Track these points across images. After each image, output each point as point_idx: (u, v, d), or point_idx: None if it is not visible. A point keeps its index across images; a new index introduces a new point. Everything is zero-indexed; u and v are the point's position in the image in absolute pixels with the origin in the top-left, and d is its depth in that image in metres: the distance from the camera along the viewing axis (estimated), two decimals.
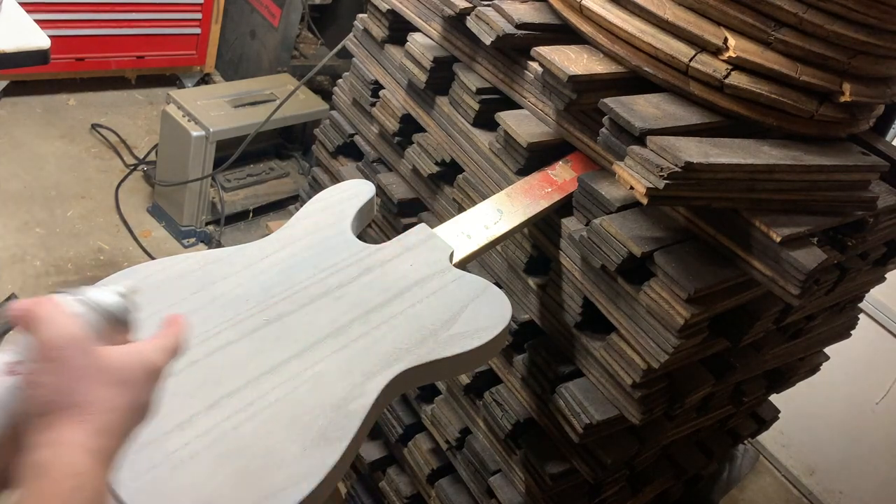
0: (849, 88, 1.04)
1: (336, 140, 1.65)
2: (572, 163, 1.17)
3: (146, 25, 2.91)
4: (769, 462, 2.58)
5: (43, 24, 1.64)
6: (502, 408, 1.26)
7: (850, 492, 2.46)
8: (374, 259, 0.92)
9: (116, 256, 2.42)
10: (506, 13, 1.15)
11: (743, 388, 1.41)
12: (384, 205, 1.48)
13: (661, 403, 1.13)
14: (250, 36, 3.07)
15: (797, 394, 1.83)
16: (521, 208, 1.10)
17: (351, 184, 1.04)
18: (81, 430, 0.47)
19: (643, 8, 1.05)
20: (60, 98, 2.93)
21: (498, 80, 1.25)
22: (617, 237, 1.01)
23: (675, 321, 0.98)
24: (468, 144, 1.28)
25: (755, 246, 0.99)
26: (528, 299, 1.22)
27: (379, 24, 1.45)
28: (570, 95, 1.04)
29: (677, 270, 0.97)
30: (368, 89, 1.50)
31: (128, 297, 0.55)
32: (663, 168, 0.90)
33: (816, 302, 1.29)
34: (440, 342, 0.82)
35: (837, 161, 1.07)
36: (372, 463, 1.58)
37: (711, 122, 1.04)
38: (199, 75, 3.21)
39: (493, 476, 1.32)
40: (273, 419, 0.70)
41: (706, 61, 1.02)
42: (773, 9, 0.99)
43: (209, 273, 0.84)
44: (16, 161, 2.59)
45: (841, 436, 2.46)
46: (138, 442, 0.65)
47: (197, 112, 2.38)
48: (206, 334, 0.77)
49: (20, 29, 1.57)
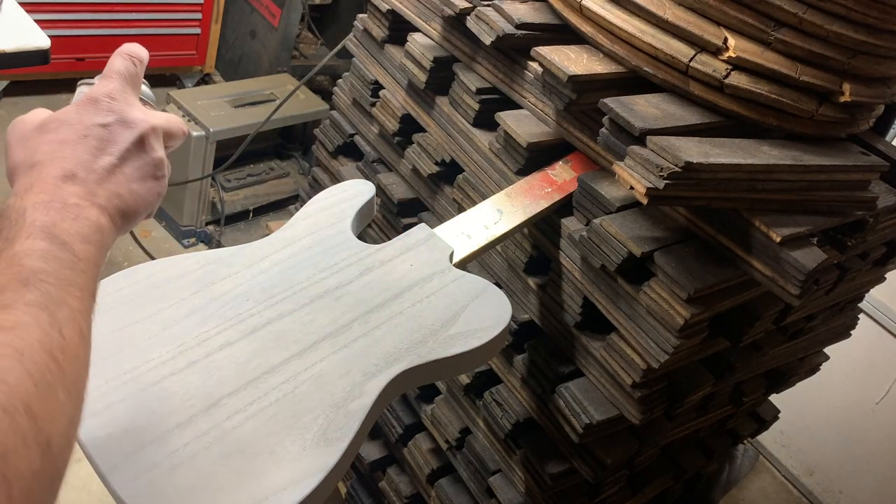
0: (849, 88, 1.04)
1: (336, 140, 1.65)
2: (572, 163, 1.17)
3: (146, 25, 2.91)
4: (769, 462, 2.59)
5: (43, 24, 1.64)
6: (502, 408, 1.26)
7: (849, 492, 2.46)
8: (374, 259, 0.92)
9: (116, 256, 2.42)
10: (506, 13, 1.15)
11: (743, 388, 1.42)
12: (384, 205, 1.48)
13: (661, 403, 1.13)
14: (250, 36, 3.07)
15: (797, 394, 1.83)
16: (521, 208, 1.10)
17: (351, 184, 1.04)
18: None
19: (643, 8, 1.05)
20: (60, 98, 2.93)
21: (498, 80, 1.25)
22: (617, 237, 1.01)
23: (675, 321, 0.98)
24: (468, 144, 1.28)
25: (755, 246, 0.99)
26: (528, 299, 1.22)
27: (379, 24, 1.45)
28: (570, 95, 1.04)
29: (677, 270, 0.98)
30: (368, 89, 1.50)
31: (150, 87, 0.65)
32: (663, 168, 0.90)
33: (816, 302, 1.29)
34: (440, 342, 0.82)
35: (837, 161, 1.07)
36: (372, 463, 1.58)
37: (711, 122, 1.04)
38: (199, 75, 3.21)
39: (493, 476, 1.32)
40: (273, 419, 0.70)
41: (706, 61, 1.02)
42: (772, 9, 0.99)
43: (209, 273, 0.84)
44: None
45: (841, 436, 2.46)
46: (138, 442, 0.66)
47: (197, 112, 2.38)
48: (206, 334, 0.77)
49: (20, 29, 1.57)
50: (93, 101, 0.56)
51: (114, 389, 0.70)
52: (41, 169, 0.51)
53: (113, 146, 0.54)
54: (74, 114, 0.55)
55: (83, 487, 1.74)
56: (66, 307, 0.45)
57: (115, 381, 0.70)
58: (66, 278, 0.46)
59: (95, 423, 0.66)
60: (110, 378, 0.70)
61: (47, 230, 0.47)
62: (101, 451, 0.65)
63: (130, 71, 0.59)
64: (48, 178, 0.51)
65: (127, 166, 0.55)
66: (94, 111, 0.55)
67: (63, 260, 0.46)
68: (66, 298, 0.45)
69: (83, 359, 0.46)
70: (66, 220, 0.49)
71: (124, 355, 0.73)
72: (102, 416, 0.67)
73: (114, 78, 0.58)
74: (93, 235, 0.50)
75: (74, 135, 0.53)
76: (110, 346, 0.73)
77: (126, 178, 0.54)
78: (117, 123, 0.55)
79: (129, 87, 0.59)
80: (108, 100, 0.56)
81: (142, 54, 0.61)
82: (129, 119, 0.56)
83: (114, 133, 0.55)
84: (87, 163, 0.52)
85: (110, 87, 0.57)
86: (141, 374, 0.72)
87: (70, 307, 0.45)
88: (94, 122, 0.54)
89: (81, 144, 0.53)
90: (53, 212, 0.48)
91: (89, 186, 0.52)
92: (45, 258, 0.46)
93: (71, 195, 0.50)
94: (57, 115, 0.55)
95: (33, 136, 0.54)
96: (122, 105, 0.56)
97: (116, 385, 0.70)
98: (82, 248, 0.48)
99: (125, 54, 0.60)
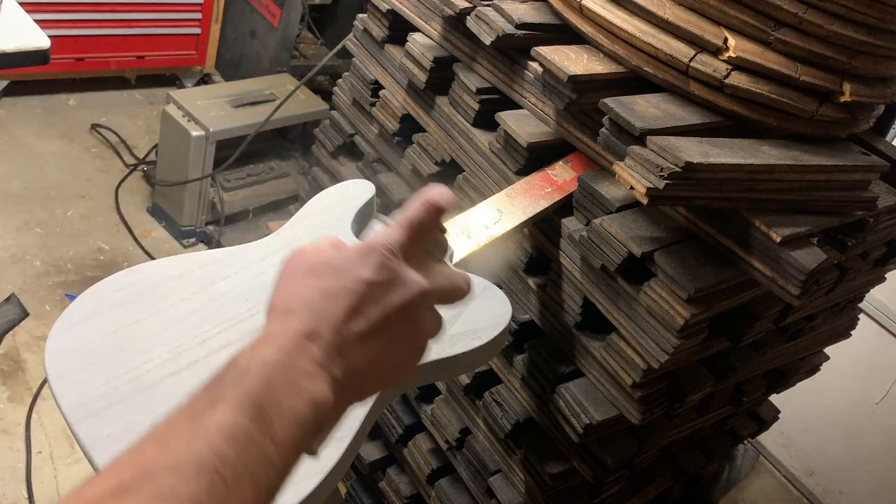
0: (849, 88, 1.04)
1: (336, 140, 1.65)
2: (572, 163, 1.17)
3: (146, 25, 2.91)
4: (769, 462, 2.58)
5: (43, 24, 1.64)
6: (502, 408, 1.26)
7: (850, 492, 2.46)
8: None
9: (116, 256, 2.42)
10: (506, 13, 1.15)
11: (743, 388, 1.41)
12: (384, 205, 1.48)
13: (661, 403, 1.13)
14: (250, 36, 3.07)
15: (797, 394, 1.83)
16: (521, 208, 1.10)
17: (351, 184, 1.04)
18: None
19: (643, 8, 1.05)
20: (60, 98, 2.94)
21: (498, 80, 1.25)
22: (617, 237, 1.01)
23: (675, 321, 0.98)
24: (468, 144, 1.28)
25: (755, 246, 0.99)
26: (528, 299, 1.22)
27: (379, 24, 1.45)
28: (570, 95, 1.04)
29: (677, 270, 0.98)
30: (368, 89, 1.50)
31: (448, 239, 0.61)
32: (663, 168, 0.90)
33: (816, 302, 1.29)
34: (440, 342, 0.82)
35: (837, 161, 1.07)
36: (372, 463, 1.58)
37: (711, 122, 1.04)
38: (198, 75, 3.21)
39: (493, 476, 1.31)
40: None
41: (706, 61, 1.02)
42: (773, 9, 0.99)
43: (209, 273, 0.84)
44: (16, 161, 2.59)
45: (841, 436, 2.46)
46: None
47: (197, 112, 2.38)
48: (206, 334, 0.77)
49: (20, 29, 1.57)
50: (370, 251, 0.50)
51: (114, 389, 0.70)
52: (291, 321, 0.47)
53: (374, 309, 0.48)
54: (347, 261, 0.49)
55: None
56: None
57: (115, 381, 0.70)
58: (247, 468, 0.41)
59: (95, 423, 0.66)
60: (110, 378, 0.70)
61: (258, 405, 0.43)
62: (101, 451, 0.65)
63: (423, 221, 0.53)
64: (293, 335, 0.46)
65: (382, 335, 0.49)
66: (366, 264, 0.49)
67: (255, 443, 0.42)
68: (237, 495, 0.40)
69: None
70: (287, 393, 0.44)
71: (124, 355, 0.73)
72: (102, 416, 0.67)
73: (402, 228, 0.52)
74: (308, 415, 0.44)
75: (337, 287, 0.48)
76: (110, 346, 0.73)
77: (378, 349, 0.49)
78: (387, 283, 0.49)
79: (417, 240, 0.53)
80: (386, 254, 0.50)
81: (442, 201, 0.54)
82: (402, 279, 0.50)
83: (378, 294, 0.49)
84: (338, 322, 0.47)
85: (393, 239, 0.51)
86: (141, 374, 0.72)
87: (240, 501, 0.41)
88: (362, 278, 0.48)
89: (340, 300, 0.48)
90: (277, 381, 0.44)
91: (330, 352, 0.47)
92: (235, 441, 0.41)
93: (308, 360, 0.45)
94: (331, 259, 0.50)
95: (300, 278, 0.49)
96: (397, 263, 0.50)
97: (116, 385, 0.70)
98: (286, 433, 0.43)
99: (425, 202, 0.53)
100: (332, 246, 0.51)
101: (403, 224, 0.53)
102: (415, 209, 0.53)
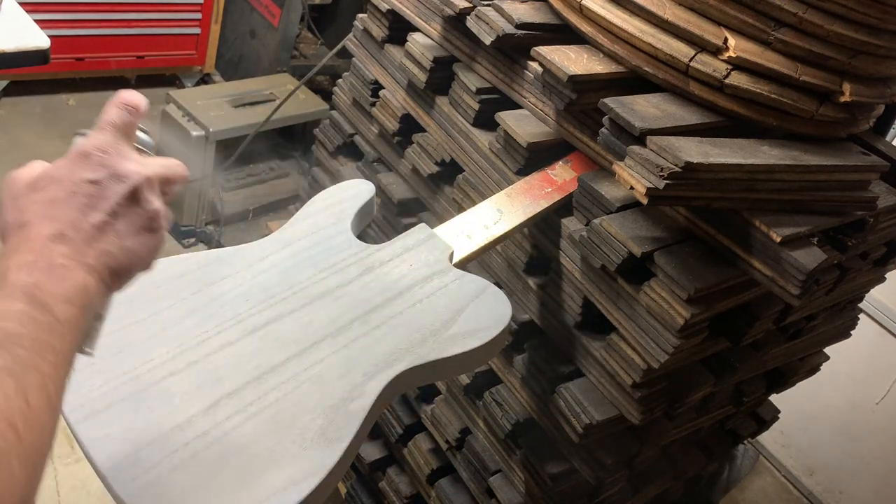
0: (849, 88, 1.04)
1: (336, 140, 1.65)
2: (572, 163, 1.17)
3: (146, 25, 2.91)
4: (769, 462, 2.58)
5: (43, 24, 1.64)
6: (502, 408, 1.26)
7: (850, 492, 2.46)
8: (375, 259, 0.92)
9: None
10: (506, 13, 1.15)
11: (743, 388, 1.41)
12: (384, 205, 1.48)
13: (661, 403, 1.13)
14: (250, 36, 3.07)
15: (797, 394, 1.83)
16: (521, 208, 1.10)
17: (351, 184, 1.04)
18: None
19: (643, 8, 1.05)
20: (60, 98, 2.94)
21: (498, 80, 1.25)
22: (617, 237, 1.01)
23: (675, 321, 0.98)
24: (468, 144, 1.28)
25: (755, 246, 0.99)
26: (528, 299, 1.22)
27: (379, 24, 1.45)
28: (570, 95, 1.04)
29: (677, 270, 0.98)
30: (368, 89, 1.50)
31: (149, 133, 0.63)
32: (663, 168, 0.90)
33: (816, 302, 1.29)
34: (440, 342, 0.82)
35: (837, 161, 1.07)
36: (372, 463, 1.58)
37: (711, 122, 1.04)
38: (198, 75, 3.21)
39: (493, 476, 1.32)
40: (273, 419, 0.70)
41: (706, 61, 1.02)
42: (772, 9, 0.99)
43: (209, 273, 0.84)
44: (16, 161, 2.58)
45: (841, 436, 2.46)
46: (138, 442, 0.66)
47: (197, 112, 2.38)
48: (206, 334, 0.77)
49: (20, 29, 1.58)
50: (84, 155, 0.54)
51: (114, 389, 0.70)
52: (30, 229, 0.50)
53: (103, 202, 0.53)
54: (65, 169, 0.53)
55: (83, 487, 1.74)
56: (36, 373, 0.44)
57: (115, 381, 0.70)
58: (41, 342, 0.45)
59: (95, 423, 0.66)
60: (110, 378, 0.70)
61: (28, 291, 0.46)
62: (101, 451, 0.65)
63: (124, 120, 0.57)
64: (36, 238, 0.50)
65: (119, 222, 0.53)
66: (85, 166, 0.53)
67: (41, 322, 0.46)
68: (39, 363, 0.44)
69: (48, 426, 0.45)
70: (51, 281, 0.48)
71: (124, 355, 0.73)
72: (102, 416, 0.67)
73: (106, 129, 0.56)
74: (77, 297, 0.49)
75: (64, 192, 0.52)
76: (110, 346, 0.73)
77: (118, 234, 0.53)
78: (108, 178, 0.53)
79: (123, 138, 0.57)
80: (100, 153, 0.54)
81: (137, 102, 0.59)
82: (121, 172, 0.54)
83: (104, 188, 0.53)
84: (76, 221, 0.51)
85: (102, 139, 0.55)
86: (141, 374, 0.72)
87: (41, 373, 0.44)
88: (84, 178, 0.53)
89: (71, 202, 0.52)
90: (38, 272, 0.48)
91: (78, 246, 0.51)
92: (21, 320, 0.45)
93: (58, 255, 0.49)
94: (48, 172, 0.54)
95: (24, 195, 0.53)
96: (113, 158, 0.54)
97: (116, 385, 0.70)
98: (64, 311, 0.47)
99: (119, 103, 0.58)
100: (40, 164, 0.55)
101: (106, 126, 0.56)
102: (112, 112, 0.57)
